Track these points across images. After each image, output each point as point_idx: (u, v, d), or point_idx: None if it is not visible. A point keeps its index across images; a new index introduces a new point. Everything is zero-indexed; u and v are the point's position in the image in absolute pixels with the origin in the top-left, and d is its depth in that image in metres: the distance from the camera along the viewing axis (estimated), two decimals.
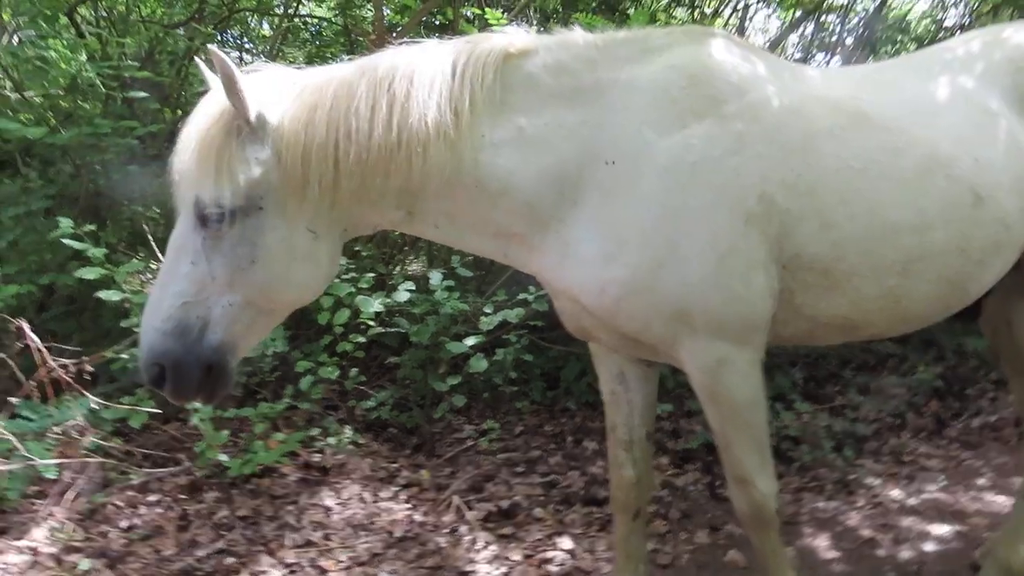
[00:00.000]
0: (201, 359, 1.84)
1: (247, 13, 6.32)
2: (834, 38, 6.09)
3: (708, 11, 6.80)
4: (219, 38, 5.87)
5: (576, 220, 1.96)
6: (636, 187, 1.92)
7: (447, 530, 3.35)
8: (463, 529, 3.35)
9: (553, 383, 4.65)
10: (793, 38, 5.97)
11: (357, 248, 4.47)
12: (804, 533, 3.30)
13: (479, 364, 3.87)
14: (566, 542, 3.23)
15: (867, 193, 2.03)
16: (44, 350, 3.07)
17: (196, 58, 1.89)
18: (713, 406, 2.11)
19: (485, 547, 3.22)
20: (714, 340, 1.98)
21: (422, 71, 1.88)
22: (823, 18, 5.75)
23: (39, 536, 3.24)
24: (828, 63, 5.87)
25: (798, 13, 5.86)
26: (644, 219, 1.91)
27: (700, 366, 2.04)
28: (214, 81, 1.88)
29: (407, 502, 3.58)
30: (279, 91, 1.87)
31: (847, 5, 5.30)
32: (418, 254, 5.99)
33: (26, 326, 3.07)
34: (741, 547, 3.13)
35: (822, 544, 3.22)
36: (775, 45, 5.97)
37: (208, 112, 1.85)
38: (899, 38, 6.04)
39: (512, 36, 2.01)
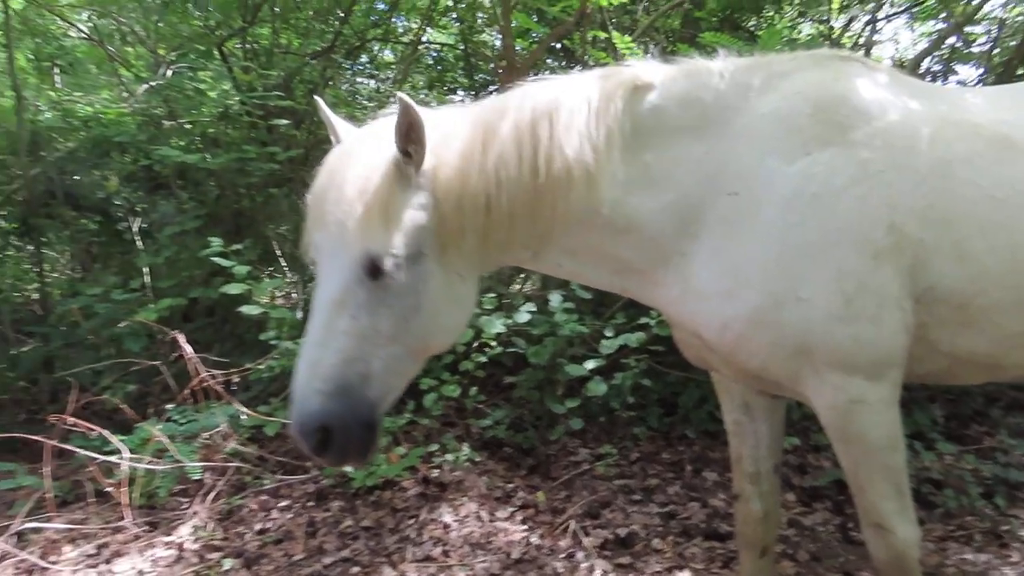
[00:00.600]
0: (364, 417, 1.76)
1: (375, 42, 6.64)
2: (979, 49, 5.68)
3: (837, 25, 6.53)
4: (350, 67, 6.19)
5: (697, 253, 1.92)
6: (757, 219, 1.86)
7: (564, 555, 3.33)
8: (580, 555, 3.32)
9: (671, 409, 4.55)
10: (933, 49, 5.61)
11: None
12: None
13: (597, 387, 3.84)
14: None
15: (1009, 225, 1.89)
16: (198, 360, 3.30)
17: (316, 97, 2.05)
18: (844, 447, 2.00)
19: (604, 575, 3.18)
20: (844, 377, 1.88)
21: (561, 111, 1.88)
22: (967, 30, 5.37)
23: (184, 533, 3.49)
24: (978, 81, 5.47)
25: (939, 25, 5.52)
26: (764, 254, 1.85)
27: (829, 404, 1.94)
28: (337, 123, 2.04)
29: (523, 523, 3.59)
30: (434, 139, 1.85)
31: (1000, 17, 4.93)
32: (535, 274, 6.05)
33: (182, 338, 3.32)
34: None
35: None
36: (911, 63, 5.64)
37: (372, 161, 1.78)
38: None
39: (638, 68, 2.00)
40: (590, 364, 3.90)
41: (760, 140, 1.90)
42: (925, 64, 5.38)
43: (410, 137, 1.76)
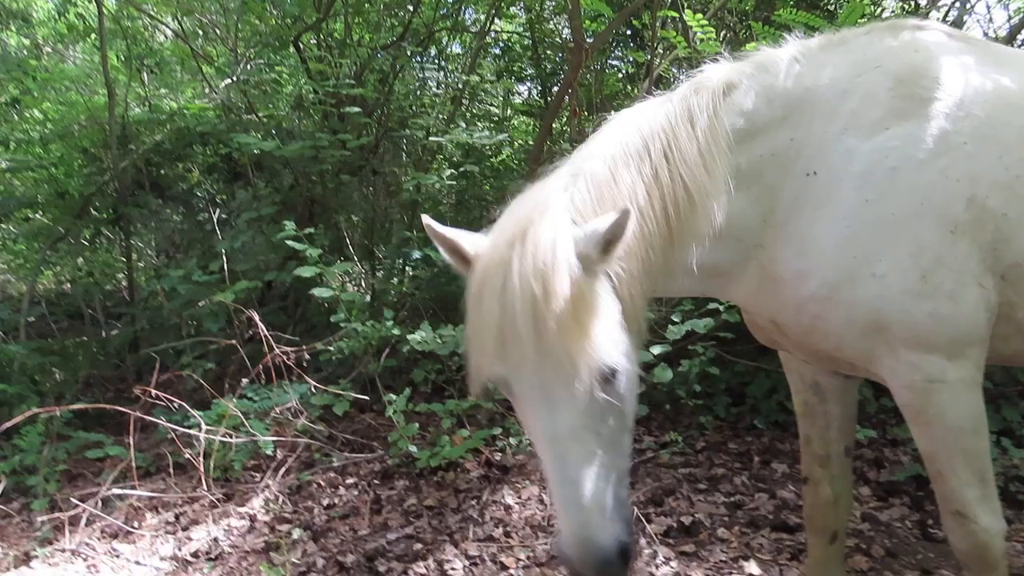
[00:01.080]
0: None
1: (443, 33, 6.71)
2: None
3: (922, 1, 6.22)
4: (419, 59, 6.29)
5: (775, 241, 1.88)
6: (833, 197, 1.82)
7: None
8: (643, 542, 3.27)
9: (739, 399, 4.43)
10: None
11: None
12: None
13: (663, 374, 3.78)
14: (753, 567, 3.04)
15: None
16: (271, 339, 3.42)
17: (426, 218, 1.76)
18: (923, 429, 1.91)
19: (665, 562, 3.13)
20: (921, 356, 1.80)
21: (675, 146, 1.79)
22: None
23: (256, 505, 3.63)
24: None
25: None
26: (839, 231, 1.80)
27: (906, 384, 1.85)
28: (458, 237, 1.71)
29: None
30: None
31: None
32: None
33: (256, 316, 3.45)
34: None
35: None
36: (1004, 40, 5.32)
37: (560, 280, 1.51)
38: None
39: (719, 73, 1.94)
40: (656, 350, 3.84)
41: (840, 117, 1.86)
42: (1020, 39, 5.06)
43: (613, 248, 1.58)
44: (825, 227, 1.82)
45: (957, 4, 5.51)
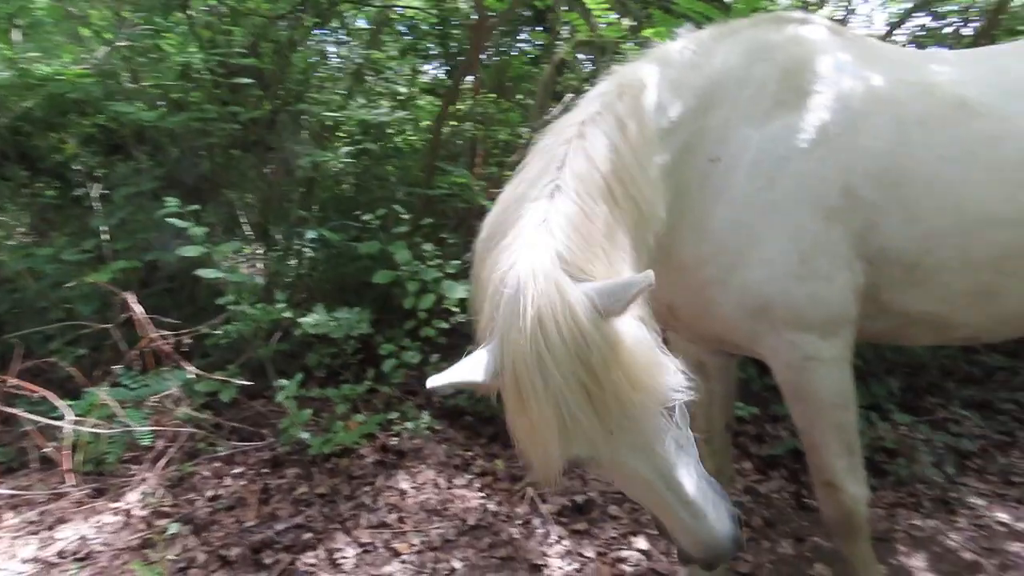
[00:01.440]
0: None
1: (345, 6, 6.47)
2: (950, 29, 5.68)
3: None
4: (319, 31, 6.05)
5: (680, 229, 1.92)
6: (731, 184, 1.89)
7: (520, 522, 3.32)
8: (536, 522, 3.31)
9: None
10: (909, 26, 5.60)
11: (444, 235, 4.50)
12: (899, 551, 3.09)
13: None
14: (641, 542, 3.14)
15: (959, 185, 1.92)
16: (147, 322, 3.21)
17: (430, 384, 1.55)
18: (798, 404, 2.04)
19: (558, 541, 3.18)
20: (798, 335, 1.92)
21: (622, 160, 1.76)
22: (940, 8, 5.37)
23: (132, 499, 3.42)
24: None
25: (910, 3, 5.51)
26: (734, 217, 1.89)
27: (785, 362, 1.99)
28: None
29: (481, 491, 3.57)
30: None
31: None
32: None
33: (131, 298, 3.23)
34: (828, 561, 2.97)
35: (918, 564, 3.01)
36: (884, 37, 5.63)
37: (597, 354, 1.44)
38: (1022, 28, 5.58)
39: (632, 74, 1.95)
40: None
41: (739, 106, 1.93)
42: (898, 34, 5.37)
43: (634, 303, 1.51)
44: (722, 213, 1.89)
45: (844, 5, 5.78)
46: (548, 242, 1.52)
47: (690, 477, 1.63)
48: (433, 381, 1.51)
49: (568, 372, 1.40)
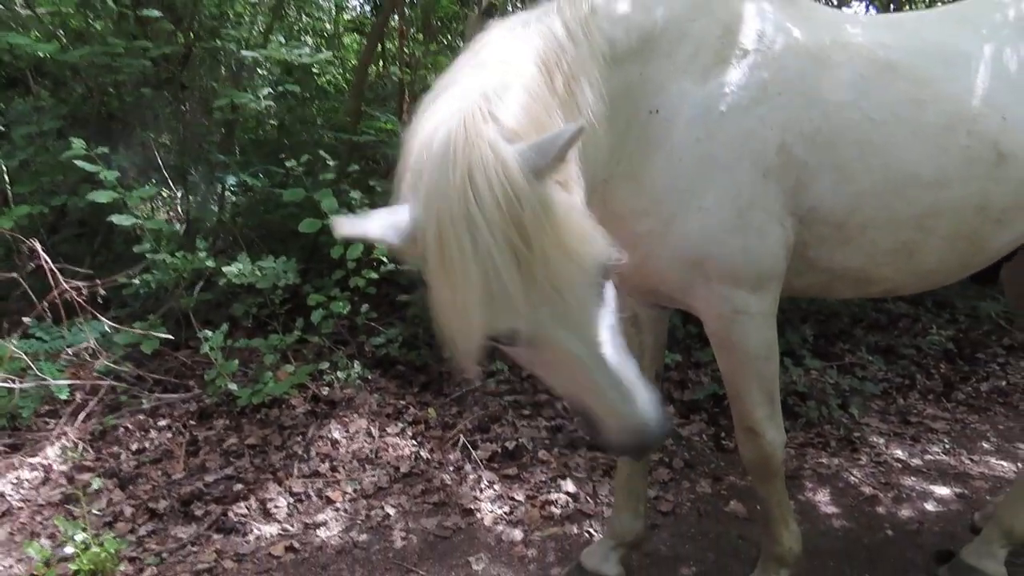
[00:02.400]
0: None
1: None
2: None
3: None
4: None
5: (618, 178, 1.92)
6: (669, 138, 1.89)
7: (452, 468, 3.39)
8: (468, 468, 3.39)
9: None
10: None
11: (372, 183, 4.40)
12: (806, 488, 3.32)
13: None
14: (569, 485, 3.26)
15: (885, 146, 1.99)
16: (57, 271, 3.05)
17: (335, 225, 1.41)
18: (726, 354, 2.11)
19: (489, 486, 3.27)
20: (729, 289, 1.97)
21: (565, 55, 1.71)
22: None
23: (51, 455, 3.31)
24: (867, 8, 5.64)
25: None
26: (673, 169, 1.89)
27: (715, 314, 2.04)
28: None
29: (413, 439, 3.62)
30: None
31: None
32: None
33: (39, 246, 3.05)
34: (743, 498, 3.16)
35: (823, 499, 3.25)
36: None
37: (531, 215, 1.38)
38: None
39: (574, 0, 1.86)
40: None
41: (679, 60, 1.92)
42: None
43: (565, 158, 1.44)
44: (661, 166, 1.89)
45: None
46: (482, 104, 1.44)
47: (619, 359, 1.56)
48: (344, 227, 1.40)
49: (499, 232, 1.33)
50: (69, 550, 2.62)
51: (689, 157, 1.89)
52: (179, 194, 5.52)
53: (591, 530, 2.99)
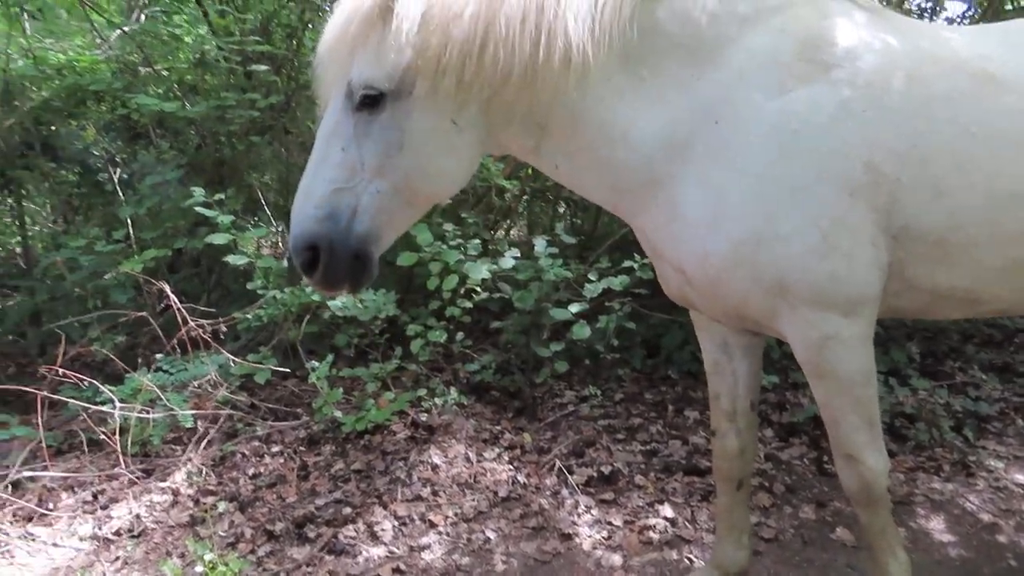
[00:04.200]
0: (351, 246, 1.87)
1: None
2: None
3: None
4: (329, 9, 6.03)
5: (686, 178, 1.93)
6: (740, 151, 1.87)
7: (549, 493, 3.44)
8: (565, 492, 3.43)
9: (654, 351, 4.64)
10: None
11: (463, 215, 4.56)
12: (918, 514, 3.19)
13: (582, 331, 3.91)
14: (667, 510, 3.25)
15: (987, 160, 1.90)
16: (183, 311, 3.32)
17: None
18: (819, 381, 2.05)
19: (587, 511, 3.30)
20: (819, 314, 1.92)
21: None
22: None
23: (179, 479, 3.57)
24: (963, 17, 5.41)
25: None
26: (746, 188, 1.86)
27: (804, 341, 1.98)
28: None
29: (510, 463, 3.70)
30: None
31: None
32: (518, 220, 6.06)
33: (168, 288, 3.33)
34: (849, 525, 3.07)
35: (937, 527, 3.10)
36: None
37: (357, 1, 1.83)
38: None
39: None
40: (574, 308, 3.96)
41: (747, 72, 1.90)
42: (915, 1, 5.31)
43: None
44: (732, 180, 1.87)
45: None
46: None
47: (323, 169, 1.86)
48: None
49: (340, 3, 1.86)
50: (199, 569, 2.83)
51: (763, 176, 1.86)
52: (280, 228, 5.87)
53: (691, 556, 2.97)
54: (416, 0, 1.80)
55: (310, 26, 5.79)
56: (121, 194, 5.16)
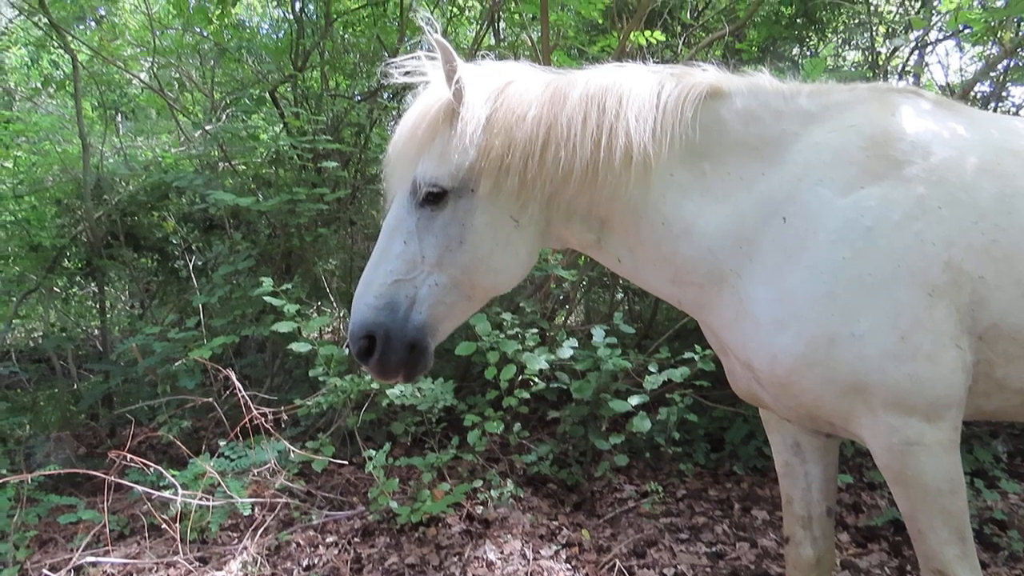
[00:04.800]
0: (407, 336, 1.92)
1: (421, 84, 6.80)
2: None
3: (883, 51, 6.45)
4: (396, 108, 6.36)
5: (752, 276, 1.89)
6: (809, 249, 1.84)
7: None
8: None
9: (718, 445, 4.47)
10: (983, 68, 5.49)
11: (521, 304, 4.59)
12: None
13: (642, 424, 3.81)
14: None
15: None
16: (248, 399, 3.39)
17: (437, 39, 1.88)
18: (902, 490, 1.92)
19: None
20: (900, 418, 1.81)
21: (633, 96, 1.92)
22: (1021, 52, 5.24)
23: (234, 568, 3.55)
24: None
25: (992, 50, 5.41)
26: (817, 286, 1.81)
27: (884, 446, 1.86)
28: (437, 73, 1.97)
29: (568, 562, 3.55)
30: (497, 84, 1.96)
31: None
32: (576, 308, 6.05)
33: (233, 376, 3.42)
34: None
35: None
36: (963, 86, 5.53)
37: (428, 100, 1.95)
38: None
39: (712, 75, 2.02)
40: (634, 400, 3.88)
41: (814, 169, 1.89)
42: (977, 87, 5.27)
43: (450, 78, 1.88)
44: (802, 279, 1.83)
45: (915, 55, 5.72)
46: (506, 66, 2.06)
47: (383, 263, 1.94)
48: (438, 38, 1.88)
49: (414, 102, 2.05)
50: None
51: (836, 275, 1.80)
52: (343, 314, 6.01)
53: None
54: (481, 104, 1.89)
55: (377, 123, 6.11)
56: (195, 281, 5.42)
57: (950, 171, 1.88)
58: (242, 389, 3.37)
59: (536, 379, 3.98)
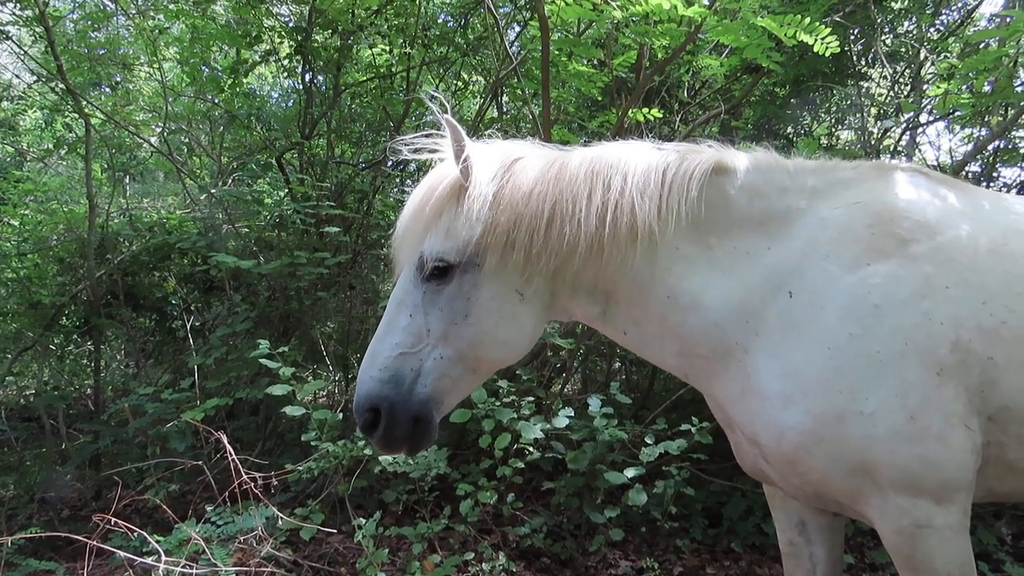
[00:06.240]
0: (411, 409, 1.92)
1: (426, 154, 6.96)
2: None
3: (875, 130, 6.62)
4: (399, 179, 6.50)
5: (759, 351, 1.89)
6: (816, 325, 1.83)
7: None
8: None
9: (715, 520, 4.37)
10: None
11: (518, 371, 4.58)
12: None
13: (638, 497, 3.74)
14: None
15: None
16: (238, 463, 3.34)
17: (447, 119, 1.94)
18: (911, 574, 1.86)
19: None
20: (909, 500, 1.78)
21: (638, 173, 1.96)
22: (1012, 134, 5.37)
23: None
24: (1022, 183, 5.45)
25: (982, 132, 5.55)
26: (825, 362, 1.80)
27: (894, 528, 1.82)
28: (445, 149, 2.03)
29: None
30: (503, 162, 2.00)
31: None
32: (573, 377, 6.02)
33: (224, 439, 3.38)
34: None
35: None
36: (954, 167, 5.66)
37: (436, 177, 2.01)
38: None
39: (715, 152, 2.06)
40: (630, 472, 3.82)
41: (820, 244, 1.91)
42: (968, 168, 5.38)
43: (459, 156, 1.94)
44: (809, 354, 1.82)
45: (907, 135, 5.88)
46: (513, 144, 2.12)
47: (389, 336, 1.95)
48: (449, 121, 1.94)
49: (424, 179, 2.09)
50: None
51: (843, 351, 1.78)
52: (338, 377, 5.97)
53: None
54: (487, 181, 1.94)
55: (380, 191, 6.23)
56: (192, 342, 5.40)
57: (958, 251, 1.88)
58: (233, 453, 3.33)
59: (531, 448, 3.93)
